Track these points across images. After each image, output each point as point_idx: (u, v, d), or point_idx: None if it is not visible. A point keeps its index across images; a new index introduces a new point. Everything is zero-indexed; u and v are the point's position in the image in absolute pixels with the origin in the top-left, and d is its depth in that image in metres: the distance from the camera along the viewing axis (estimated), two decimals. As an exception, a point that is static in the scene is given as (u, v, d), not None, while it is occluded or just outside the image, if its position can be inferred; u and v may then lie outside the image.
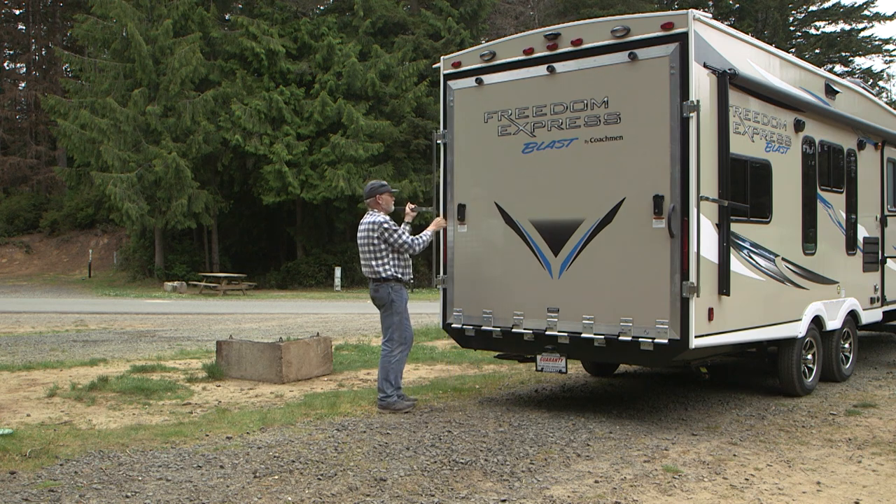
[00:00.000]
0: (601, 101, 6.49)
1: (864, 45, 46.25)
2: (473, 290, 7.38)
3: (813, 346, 8.02)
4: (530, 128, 6.93)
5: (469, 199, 7.42)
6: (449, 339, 9.80)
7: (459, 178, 7.48)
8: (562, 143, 6.75)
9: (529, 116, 6.93)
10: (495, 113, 7.14)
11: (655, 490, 4.91)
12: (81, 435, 6.26)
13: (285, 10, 32.74)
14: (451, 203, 7.52)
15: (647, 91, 6.25)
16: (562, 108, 6.74)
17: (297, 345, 9.01)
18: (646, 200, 6.26)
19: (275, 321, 17.00)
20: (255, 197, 31.77)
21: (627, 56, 6.28)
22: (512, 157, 7.07)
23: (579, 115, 6.63)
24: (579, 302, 6.63)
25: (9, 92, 46.35)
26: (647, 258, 6.26)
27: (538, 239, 6.91)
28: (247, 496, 4.75)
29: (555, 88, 6.77)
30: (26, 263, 40.16)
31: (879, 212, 9.78)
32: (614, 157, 6.47)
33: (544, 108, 6.84)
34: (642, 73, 6.26)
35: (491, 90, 7.18)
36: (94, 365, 10.03)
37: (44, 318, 17.99)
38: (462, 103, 7.39)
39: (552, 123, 6.79)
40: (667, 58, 6.11)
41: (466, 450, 5.79)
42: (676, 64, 6.06)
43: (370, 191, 7.30)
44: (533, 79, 6.90)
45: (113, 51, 31.35)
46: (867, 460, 5.60)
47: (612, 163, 6.49)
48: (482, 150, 7.28)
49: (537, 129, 6.90)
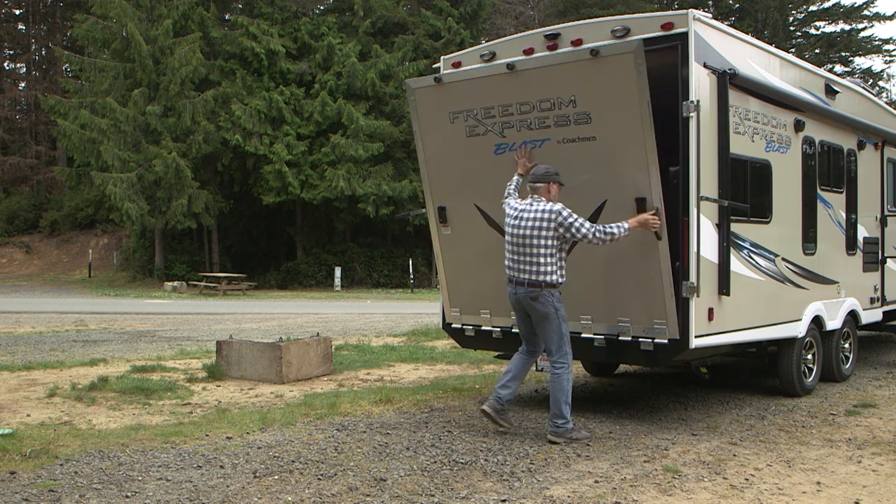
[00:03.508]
0: (568, 100, 6.12)
1: (864, 45, 46.23)
2: (468, 292, 7.33)
3: (813, 346, 8.02)
4: (499, 128, 6.58)
5: (448, 202, 7.17)
6: (449, 339, 9.79)
7: (434, 180, 7.21)
8: (534, 144, 6.44)
9: (496, 116, 6.55)
10: (460, 113, 6.74)
11: (655, 490, 4.91)
12: (81, 435, 6.26)
13: (285, 10, 32.74)
14: (430, 205, 7.29)
15: (614, 90, 5.90)
16: (528, 108, 6.37)
17: (297, 345, 9.01)
18: (628, 203, 6.06)
19: (275, 321, 17.00)
20: (255, 197, 31.79)
21: (590, 53, 5.89)
22: (484, 159, 6.76)
23: (548, 115, 6.27)
24: (574, 302, 6.57)
25: (9, 92, 46.33)
26: (638, 260, 6.17)
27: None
28: (247, 496, 4.75)
29: (519, 87, 6.36)
30: (26, 263, 40.15)
31: (879, 212, 9.78)
32: (590, 158, 6.20)
33: (510, 108, 6.46)
34: (608, 72, 5.88)
35: (452, 89, 6.76)
36: (94, 365, 10.03)
37: (44, 318, 17.99)
38: (423, 103, 7.00)
39: (521, 124, 6.45)
40: (630, 55, 5.72)
41: (466, 450, 5.79)
42: (642, 60, 5.67)
43: (545, 175, 6.08)
44: (494, 77, 6.52)
45: (113, 51, 31.35)
46: (867, 460, 5.60)
47: (589, 164, 6.22)
48: (453, 151, 6.96)
49: (506, 130, 6.55)
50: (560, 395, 6.03)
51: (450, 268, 7.40)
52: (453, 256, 7.37)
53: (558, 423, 6.02)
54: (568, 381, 6.09)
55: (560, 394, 6.03)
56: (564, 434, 6.02)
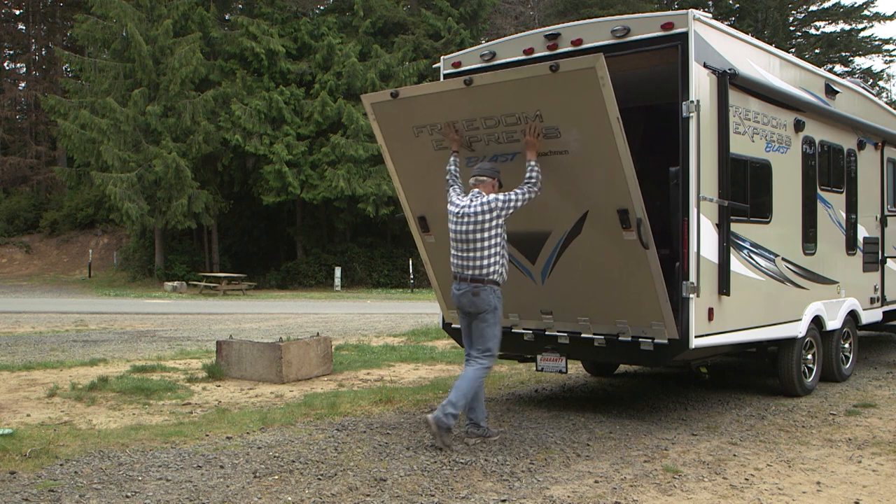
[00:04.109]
0: (534, 115, 5.85)
1: (864, 45, 46.23)
2: None
3: (813, 346, 8.02)
4: (466, 142, 6.33)
5: (427, 212, 6.99)
6: (449, 339, 9.80)
7: (409, 191, 7.02)
8: (506, 158, 6.22)
9: (462, 130, 6.30)
10: (424, 127, 6.50)
11: (655, 490, 4.91)
12: (81, 435, 6.26)
13: (285, 10, 32.72)
14: (410, 216, 7.13)
15: (580, 106, 5.65)
16: (494, 122, 6.10)
17: (297, 345, 9.01)
18: (611, 214, 5.91)
19: (275, 321, 17.00)
20: (255, 197, 31.78)
21: (549, 69, 5.56)
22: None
23: (514, 130, 6.02)
24: (571, 304, 6.55)
25: (9, 92, 46.31)
26: (628, 267, 6.08)
27: (512, 249, 6.46)
28: (247, 496, 4.75)
29: (480, 102, 6.08)
30: (26, 263, 40.15)
31: (879, 212, 9.78)
32: (565, 171, 6.01)
33: (475, 122, 6.19)
34: (571, 88, 5.61)
35: (412, 104, 6.52)
36: (94, 365, 10.03)
37: (44, 318, 17.99)
38: (383, 118, 6.76)
39: (488, 137, 6.21)
40: (592, 70, 5.42)
41: (466, 450, 5.79)
42: (605, 74, 5.39)
43: (492, 170, 6.08)
44: (452, 92, 6.23)
45: (113, 51, 31.34)
46: (867, 460, 5.60)
47: (565, 177, 6.04)
48: (423, 164, 6.71)
49: (475, 144, 6.32)
50: (466, 388, 5.89)
51: (441, 274, 7.27)
52: (443, 263, 7.17)
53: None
54: (481, 381, 6.04)
55: (467, 387, 5.90)
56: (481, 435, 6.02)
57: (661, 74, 6.65)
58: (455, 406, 5.81)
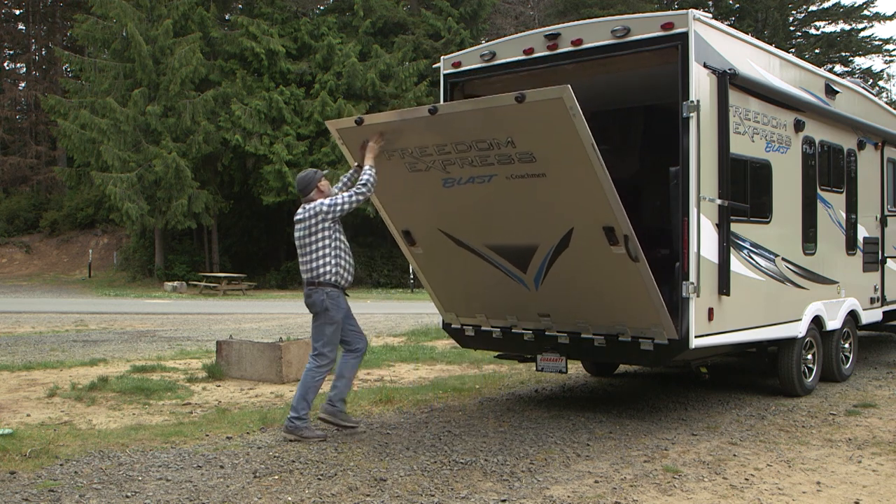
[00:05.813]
0: (506, 141, 5.66)
1: (864, 45, 46.22)
2: (459, 299, 7.23)
3: (813, 346, 8.02)
4: (440, 165, 6.11)
5: (411, 226, 6.88)
6: (449, 339, 9.78)
7: (389, 209, 6.90)
8: (482, 179, 6.03)
9: (434, 155, 6.07)
10: (395, 151, 6.25)
11: (655, 490, 4.91)
12: (81, 435, 6.26)
13: (285, 10, 32.73)
14: (394, 230, 7.04)
15: (551, 133, 5.48)
16: (465, 147, 5.88)
17: (297, 345, 9.01)
18: (596, 230, 5.80)
19: (275, 321, 17.00)
20: (255, 197, 31.76)
21: (514, 99, 5.35)
22: (435, 191, 6.36)
23: (488, 154, 5.82)
24: (568, 308, 6.54)
25: (9, 92, 46.29)
26: (620, 277, 6.02)
27: (501, 259, 6.47)
28: (247, 496, 4.75)
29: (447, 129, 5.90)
30: (26, 263, 40.14)
31: (879, 212, 9.78)
32: (545, 191, 5.87)
33: (446, 147, 5.96)
34: (539, 117, 5.45)
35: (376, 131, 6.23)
36: (94, 365, 10.03)
37: (44, 318, 17.99)
38: (351, 142, 6.50)
39: (462, 161, 5.98)
40: (560, 100, 5.23)
41: (466, 450, 5.79)
42: (574, 104, 5.20)
43: (307, 185, 6.27)
44: (417, 120, 6.04)
45: (113, 51, 31.35)
46: (867, 460, 5.60)
47: (545, 197, 5.90)
48: (400, 184, 6.51)
49: (449, 167, 6.09)
50: (307, 390, 6.13)
51: (434, 281, 7.23)
52: (434, 272, 7.17)
53: (293, 418, 6.06)
54: (320, 381, 6.20)
55: (308, 389, 6.13)
56: (297, 431, 6.05)
57: (661, 74, 6.65)
58: (296, 410, 6.08)
